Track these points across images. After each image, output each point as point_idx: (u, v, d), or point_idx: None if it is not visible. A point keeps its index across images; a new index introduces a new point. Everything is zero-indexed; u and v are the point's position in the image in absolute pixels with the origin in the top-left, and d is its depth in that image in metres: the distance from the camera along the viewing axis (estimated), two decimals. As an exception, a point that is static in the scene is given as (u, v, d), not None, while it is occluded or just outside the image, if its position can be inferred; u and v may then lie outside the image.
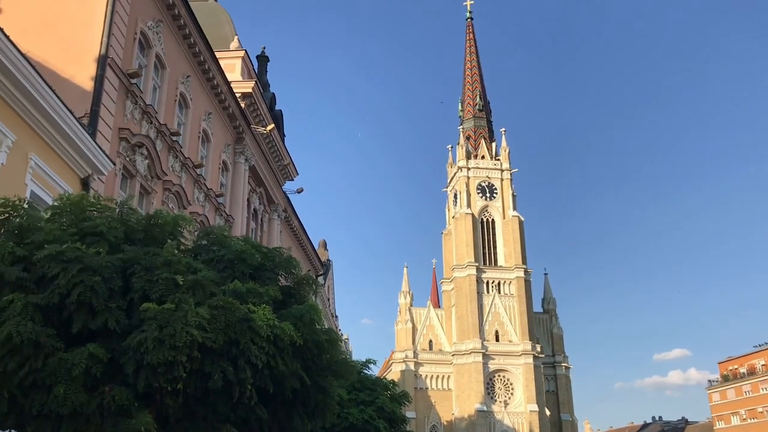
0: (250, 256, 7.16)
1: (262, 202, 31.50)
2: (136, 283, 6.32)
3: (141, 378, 6.07)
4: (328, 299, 53.53)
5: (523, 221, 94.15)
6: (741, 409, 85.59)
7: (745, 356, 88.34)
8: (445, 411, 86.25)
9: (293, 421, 7.54)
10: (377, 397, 13.26)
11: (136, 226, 7.17)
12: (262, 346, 6.26)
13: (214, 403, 6.56)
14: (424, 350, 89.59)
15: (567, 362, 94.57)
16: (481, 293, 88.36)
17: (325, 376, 7.53)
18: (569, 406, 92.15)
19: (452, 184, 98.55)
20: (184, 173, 20.96)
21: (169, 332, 5.85)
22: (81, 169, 14.08)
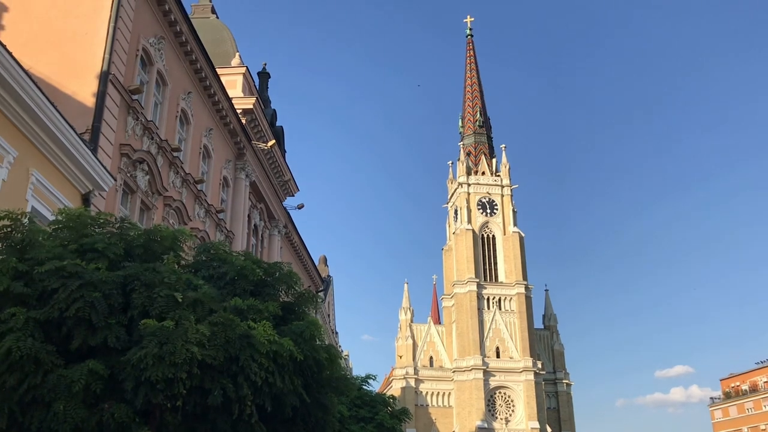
0: (251, 272, 7.14)
1: (263, 217, 31.51)
2: (136, 299, 6.30)
3: (140, 395, 6.03)
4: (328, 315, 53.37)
5: (524, 237, 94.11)
6: (743, 426, 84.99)
7: (747, 373, 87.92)
8: (445, 428, 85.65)
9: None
10: (377, 413, 13.19)
11: (136, 242, 7.16)
12: (262, 362, 6.23)
13: (214, 420, 6.51)
14: (425, 367, 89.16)
15: (568, 379, 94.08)
16: (481, 309, 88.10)
17: (325, 393, 7.49)
18: (571, 424, 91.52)
19: (452, 200, 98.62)
20: (184, 189, 20.97)
21: (169, 349, 5.82)
22: (82, 185, 14.09)
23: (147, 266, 6.55)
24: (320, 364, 6.89)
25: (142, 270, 6.46)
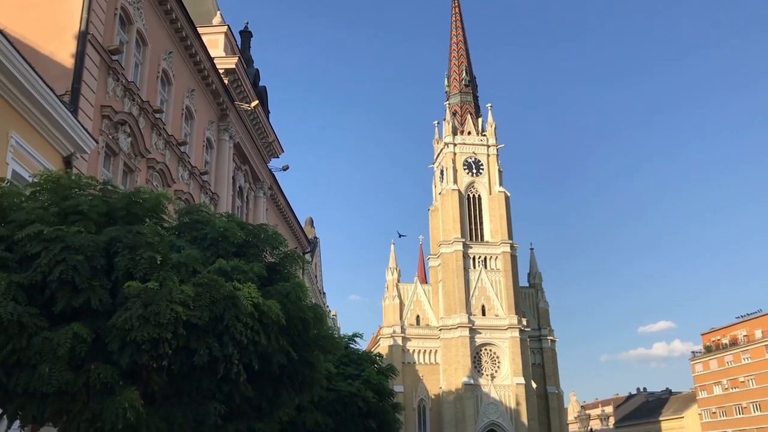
0: (234, 234, 7.14)
1: (248, 179, 31.38)
2: (119, 261, 6.29)
3: (126, 355, 6.08)
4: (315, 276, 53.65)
5: (510, 197, 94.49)
6: (723, 378, 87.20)
7: (728, 327, 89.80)
8: (432, 385, 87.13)
9: (281, 395, 7.60)
10: (364, 370, 13.38)
11: (118, 204, 7.12)
12: (247, 322, 6.28)
13: (200, 379, 6.58)
14: (412, 325, 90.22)
15: (553, 336, 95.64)
16: (467, 268, 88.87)
17: (312, 351, 7.58)
18: (555, 379, 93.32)
19: (438, 161, 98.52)
20: (167, 151, 20.80)
21: (153, 310, 5.85)
22: (63, 148, 13.94)
23: (130, 229, 6.52)
24: (306, 323, 6.96)
25: (125, 232, 6.44)
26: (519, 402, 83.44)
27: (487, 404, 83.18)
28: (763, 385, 79.98)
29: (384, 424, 13.76)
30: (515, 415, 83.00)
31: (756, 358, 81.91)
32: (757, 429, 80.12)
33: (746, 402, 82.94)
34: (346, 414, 12.70)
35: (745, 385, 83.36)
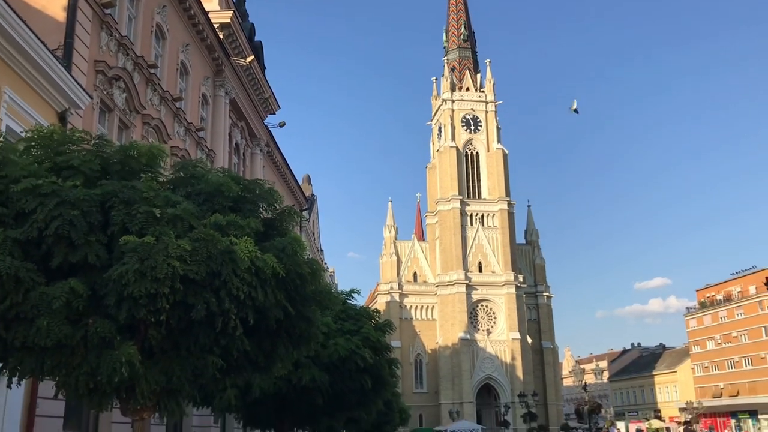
0: (229, 189, 7.11)
1: (244, 136, 31.17)
2: (115, 216, 6.27)
3: (123, 310, 6.10)
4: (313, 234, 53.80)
5: (507, 154, 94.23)
6: (716, 334, 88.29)
7: (722, 283, 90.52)
8: (429, 340, 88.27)
9: (278, 350, 7.67)
10: (362, 326, 13.48)
11: (112, 159, 7.07)
12: (244, 277, 6.29)
13: (198, 333, 6.62)
14: (409, 282, 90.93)
15: (549, 292, 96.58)
16: (464, 226, 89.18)
17: (309, 306, 7.62)
18: (550, 334, 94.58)
19: (436, 117, 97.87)
20: (163, 107, 20.61)
21: (150, 264, 5.85)
22: (57, 103, 13.78)
23: (125, 183, 6.48)
24: (303, 278, 6.98)
25: (121, 187, 6.40)
26: (514, 357, 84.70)
27: (482, 359, 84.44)
28: (756, 340, 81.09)
29: (380, 379, 13.94)
30: (510, 369, 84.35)
31: (749, 313, 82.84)
32: (748, 382, 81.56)
33: (738, 356, 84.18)
34: (344, 369, 12.85)
35: (737, 340, 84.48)
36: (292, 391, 12.56)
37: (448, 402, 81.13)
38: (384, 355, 14.03)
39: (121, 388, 6.53)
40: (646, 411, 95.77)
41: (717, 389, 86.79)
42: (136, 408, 6.82)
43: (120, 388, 6.52)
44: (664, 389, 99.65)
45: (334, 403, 13.40)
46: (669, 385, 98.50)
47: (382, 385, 14.06)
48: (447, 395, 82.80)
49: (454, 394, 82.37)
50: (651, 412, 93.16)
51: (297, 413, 13.79)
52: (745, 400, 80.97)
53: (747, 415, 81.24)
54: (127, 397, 6.73)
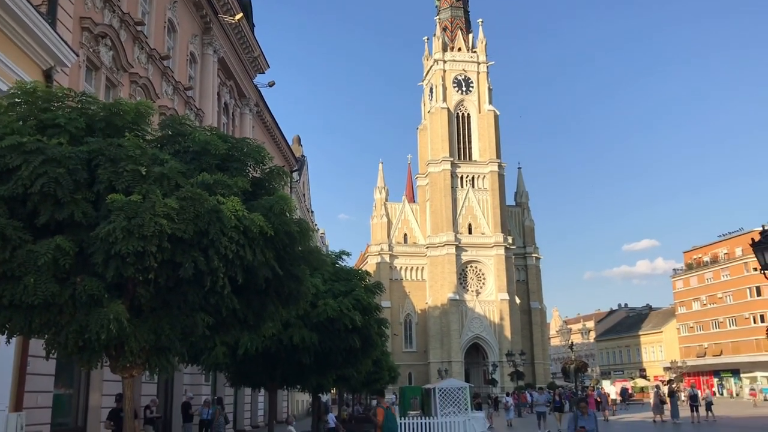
0: (216, 147, 7.04)
1: (233, 95, 30.84)
2: (101, 174, 6.21)
3: (111, 268, 6.08)
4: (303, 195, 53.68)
5: (499, 115, 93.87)
6: (702, 295, 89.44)
7: (709, 245, 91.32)
8: (419, 300, 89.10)
9: (267, 308, 7.70)
10: (353, 288, 13.54)
11: (97, 116, 6.97)
12: (232, 236, 6.27)
13: (186, 292, 6.63)
14: (399, 243, 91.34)
15: (537, 253, 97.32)
16: (455, 188, 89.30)
17: (298, 266, 7.63)
18: (539, 295, 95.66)
19: (428, 78, 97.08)
20: (150, 65, 20.31)
21: (137, 222, 5.81)
22: (43, 61, 13.53)
23: (111, 141, 6.40)
24: (292, 237, 6.97)
25: (107, 145, 6.32)
26: (503, 317, 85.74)
27: (471, 319, 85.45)
28: (740, 301, 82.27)
29: (368, 339, 14.07)
30: (499, 329, 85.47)
31: (735, 275, 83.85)
32: (732, 342, 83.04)
33: (723, 317, 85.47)
34: (333, 329, 12.95)
35: (722, 301, 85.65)
36: (282, 349, 12.68)
37: (437, 361, 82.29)
38: (373, 316, 14.13)
39: (110, 346, 6.56)
40: (631, 370, 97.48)
41: (701, 349, 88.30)
42: (125, 365, 6.86)
43: (109, 346, 6.55)
44: (650, 349, 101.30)
45: (322, 362, 13.55)
46: (654, 345, 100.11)
47: (371, 345, 14.19)
48: (436, 354, 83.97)
49: (443, 354, 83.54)
50: (636, 371, 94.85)
51: (286, 371, 13.94)
52: (727, 359, 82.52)
53: (729, 373, 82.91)
54: (116, 354, 6.76)
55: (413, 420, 27.42)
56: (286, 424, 19.86)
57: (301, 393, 45.62)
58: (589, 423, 10.02)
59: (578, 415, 10.10)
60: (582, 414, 10.12)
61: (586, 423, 9.98)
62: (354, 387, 28.71)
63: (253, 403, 32.77)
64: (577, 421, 9.99)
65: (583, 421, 10.00)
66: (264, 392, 31.63)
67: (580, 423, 9.94)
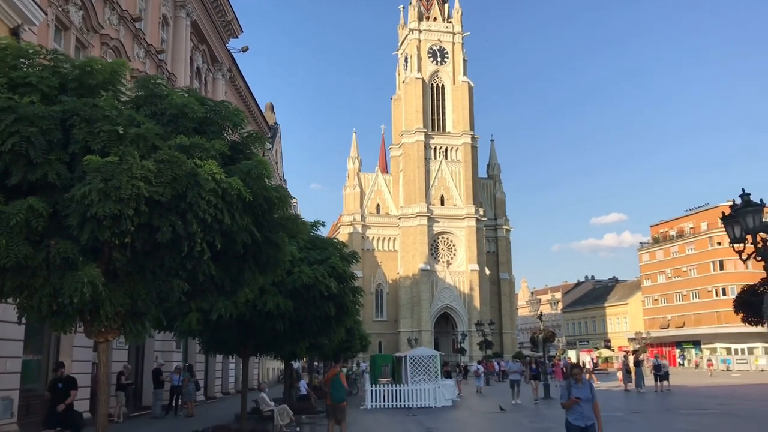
0: (193, 109, 6.89)
1: (206, 60, 30.27)
2: (76, 134, 6.04)
3: (86, 231, 5.96)
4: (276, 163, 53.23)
5: (473, 87, 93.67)
6: (667, 268, 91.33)
7: (676, 220, 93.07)
8: (390, 270, 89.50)
9: (244, 274, 7.65)
10: (329, 257, 13.50)
11: (70, 75, 6.76)
12: (210, 200, 6.17)
13: (163, 257, 6.55)
14: (372, 214, 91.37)
15: (508, 225, 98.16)
16: (428, 159, 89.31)
17: (276, 232, 7.57)
18: (508, 266, 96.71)
19: (403, 48, 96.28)
20: (122, 27, 19.80)
21: (114, 185, 5.68)
22: (9, 19, 13.10)
23: (86, 101, 6.22)
24: (271, 202, 6.89)
25: (81, 105, 6.14)
26: (472, 287, 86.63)
27: (442, 289, 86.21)
28: (704, 274, 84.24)
29: (343, 307, 14.08)
30: (468, 299, 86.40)
31: (700, 249, 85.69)
32: (694, 314, 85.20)
33: (686, 290, 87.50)
34: (308, 297, 12.92)
35: (687, 275, 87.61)
36: (256, 316, 12.62)
37: (407, 330, 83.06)
38: (348, 284, 14.14)
39: (85, 310, 6.46)
40: (596, 341, 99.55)
41: (665, 321, 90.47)
42: (100, 330, 6.78)
43: (84, 310, 6.45)
44: (615, 320, 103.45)
45: (297, 329, 13.53)
46: (620, 317, 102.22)
47: (345, 313, 14.20)
48: (406, 323, 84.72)
49: (413, 323, 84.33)
50: (601, 341, 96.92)
51: (260, 338, 13.91)
52: (690, 331, 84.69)
53: (691, 345, 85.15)
54: (91, 319, 6.67)
55: (384, 387, 27.72)
56: (258, 390, 19.92)
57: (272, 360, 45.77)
58: (584, 392, 9.08)
59: (572, 384, 9.16)
60: (576, 382, 9.18)
61: (581, 392, 9.06)
62: (326, 355, 28.86)
63: (224, 370, 32.81)
64: (570, 389, 9.07)
65: (578, 390, 9.09)
66: (235, 359, 31.69)
67: (575, 393, 9.05)
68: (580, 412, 9.08)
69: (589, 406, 9.11)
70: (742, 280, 78.50)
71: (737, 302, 11.80)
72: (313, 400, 24.02)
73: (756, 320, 11.49)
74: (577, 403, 9.00)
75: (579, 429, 9.08)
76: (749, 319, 11.61)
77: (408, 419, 22.42)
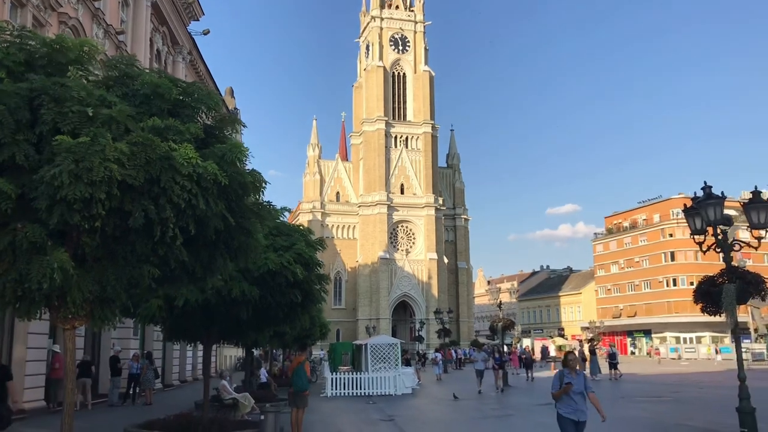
0: (168, 91, 6.70)
1: (166, 42, 29.63)
2: (45, 115, 5.80)
3: (55, 215, 5.75)
4: (235, 148, 52.49)
5: (434, 76, 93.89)
6: (620, 258, 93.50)
7: (629, 211, 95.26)
8: (349, 258, 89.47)
9: (216, 261, 7.50)
10: (295, 243, 13.35)
11: (38, 52, 6.49)
12: (185, 185, 6.02)
13: (134, 242, 6.38)
14: (332, 201, 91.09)
15: (466, 214, 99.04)
16: (389, 147, 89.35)
17: (248, 219, 7.45)
18: (466, 255, 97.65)
19: (365, 35, 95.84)
20: (80, 5, 19.20)
21: (85, 166, 5.48)
22: (-39, -8, 12.57)
23: (55, 80, 5.99)
24: (245, 187, 6.77)
25: (51, 84, 5.91)
26: (431, 276, 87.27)
27: (400, 277, 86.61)
28: (656, 265, 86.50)
29: (309, 294, 13.96)
30: (426, 287, 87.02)
31: (652, 240, 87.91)
32: (645, 304, 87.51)
33: (638, 280, 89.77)
34: (274, 284, 12.76)
35: (639, 265, 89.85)
36: (221, 303, 12.42)
37: (365, 318, 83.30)
38: (315, 271, 14.01)
39: (52, 296, 6.25)
40: (551, 329, 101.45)
41: (617, 310, 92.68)
42: (67, 317, 6.57)
43: (51, 296, 6.24)
44: (569, 309, 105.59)
45: (262, 316, 13.37)
46: (573, 306, 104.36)
47: (312, 301, 14.08)
48: (364, 311, 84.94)
49: (371, 311, 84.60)
50: (555, 330, 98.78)
51: (224, 326, 13.71)
52: (641, 320, 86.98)
53: (642, 334, 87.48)
54: (58, 305, 6.45)
55: (345, 375, 27.74)
56: (219, 378, 19.70)
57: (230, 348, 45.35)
58: (577, 383, 8.46)
59: (565, 373, 8.53)
60: (570, 371, 8.56)
61: (574, 382, 8.44)
62: (286, 343, 28.72)
63: (181, 358, 32.40)
64: (563, 378, 8.46)
65: (571, 380, 8.47)
66: (193, 347, 31.30)
67: (567, 381, 8.48)
68: (573, 405, 8.38)
69: (582, 399, 8.42)
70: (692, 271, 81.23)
71: (697, 292, 12.08)
72: (273, 388, 23.88)
73: (714, 310, 11.77)
74: (569, 390, 8.31)
75: (571, 423, 8.34)
76: (708, 309, 11.90)
77: (368, 407, 22.51)
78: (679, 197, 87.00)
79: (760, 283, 11.68)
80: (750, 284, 11.59)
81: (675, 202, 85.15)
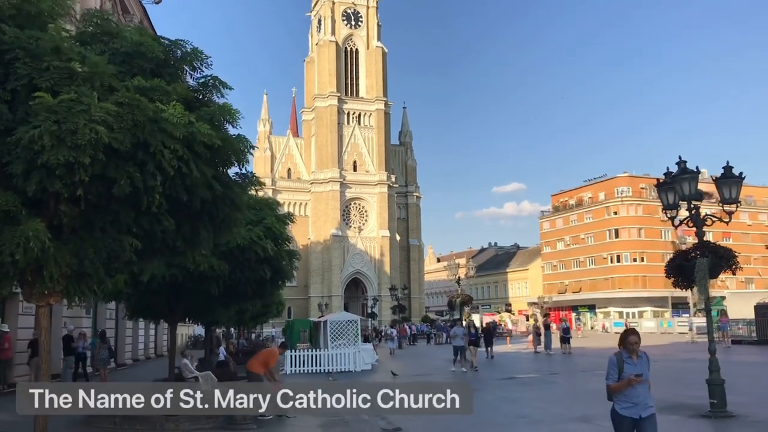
0: (150, 49, 6.20)
1: (116, 10, 28.31)
2: (19, 69, 5.26)
3: (33, 181, 5.26)
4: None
5: (387, 53, 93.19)
6: (566, 236, 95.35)
7: (575, 189, 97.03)
8: (301, 236, 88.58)
9: (199, 234, 7.08)
10: (264, 217, 12.96)
11: (6, 4, 5.90)
12: (175, 149, 5.57)
13: (117, 212, 5.91)
14: (283, 178, 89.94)
15: (418, 192, 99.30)
16: (341, 124, 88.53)
17: (233, 189, 7.04)
18: (417, 232, 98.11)
19: (316, 9, 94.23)
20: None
21: (69, 128, 4.98)
22: None
23: (29, 33, 5.43)
24: (237, 153, 6.36)
25: (25, 37, 5.36)
26: (383, 253, 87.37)
27: (353, 254, 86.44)
28: (601, 242, 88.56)
29: (279, 270, 13.63)
30: (379, 264, 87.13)
31: (597, 218, 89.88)
32: (590, 280, 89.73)
33: (584, 257, 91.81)
34: (243, 259, 12.37)
35: (584, 242, 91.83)
36: (189, 279, 11.95)
37: (317, 295, 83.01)
38: (284, 246, 13.66)
39: (26, 271, 5.75)
40: (498, 305, 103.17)
41: (563, 286, 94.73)
42: (42, 293, 6.08)
43: (26, 271, 5.75)
44: (516, 285, 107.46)
45: (231, 293, 12.98)
46: (521, 282, 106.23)
47: (281, 276, 13.77)
48: (316, 289, 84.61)
49: (323, 288, 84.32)
50: (503, 305, 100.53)
51: (191, 303, 13.26)
52: (586, 295, 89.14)
53: (586, 309, 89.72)
54: (32, 280, 5.95)
55: (304, 352, 27.45)
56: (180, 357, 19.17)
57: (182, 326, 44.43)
58: (641, 369, 6.30)
59: (625, 358, 6.36)
60: (630, 355, 6.36)
61: (637, 369, 6.29)
62: (244, 321, 28.24)
63: (134, 336, 31.52)
64: (622, 364, 6.31)
65: (633, 367, 6.31)
66: (146, 325, 30.48)
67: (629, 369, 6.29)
68: (635, 397, 6.26)
69: (646, 390, 6.33)
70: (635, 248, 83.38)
71: (669, 266, 12.21)
72: (231, 366, 23.44)
73: (686, 284, 11.91)
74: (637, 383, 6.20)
75: (631, 422, 6.26)
76: (680, 283, 12.03)
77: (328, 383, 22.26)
78: (624, 176, 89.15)
79: (731, 257, 11.87)
80: (722, 258, 11.77)
81: (620, 181, 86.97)
